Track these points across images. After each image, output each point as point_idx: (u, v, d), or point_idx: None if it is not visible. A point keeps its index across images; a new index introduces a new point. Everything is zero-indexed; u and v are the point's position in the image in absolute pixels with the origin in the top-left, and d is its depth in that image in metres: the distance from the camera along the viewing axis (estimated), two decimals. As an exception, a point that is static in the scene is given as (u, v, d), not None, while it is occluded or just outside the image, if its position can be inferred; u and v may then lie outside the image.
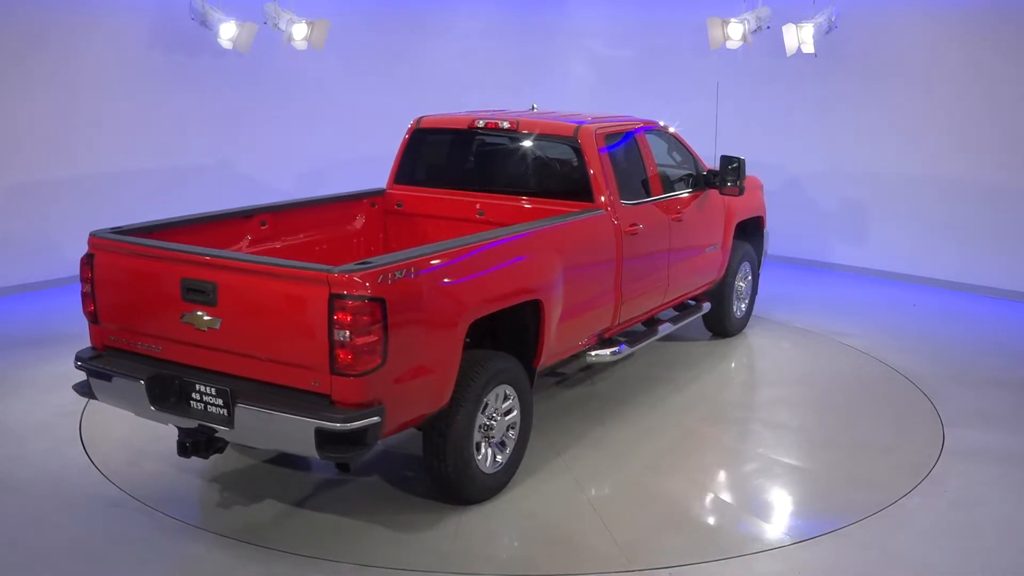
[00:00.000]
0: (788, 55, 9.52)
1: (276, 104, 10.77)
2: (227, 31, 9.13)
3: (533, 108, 7.21)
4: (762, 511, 5.15)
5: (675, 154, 7.32)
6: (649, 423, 6.22)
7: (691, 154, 7.29)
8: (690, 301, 7.56)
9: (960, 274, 10.09)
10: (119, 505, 4.95)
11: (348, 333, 4.12)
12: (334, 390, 4.23)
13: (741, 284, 8.12)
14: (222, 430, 4.49)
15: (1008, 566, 4.59)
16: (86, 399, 6.11)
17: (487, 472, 5.01)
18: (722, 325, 8.06)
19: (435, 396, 4.64)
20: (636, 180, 6.52)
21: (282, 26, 9.46)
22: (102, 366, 4.83)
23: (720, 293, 7.83)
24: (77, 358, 4.94)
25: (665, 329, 6.97)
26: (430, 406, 4.64)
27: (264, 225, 6.08)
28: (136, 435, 5.80)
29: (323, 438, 4.17)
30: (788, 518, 5.11)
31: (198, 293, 4.51)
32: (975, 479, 5.51)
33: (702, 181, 7.18)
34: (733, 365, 7.68)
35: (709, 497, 5.27)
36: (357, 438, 4.22)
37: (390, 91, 11.15)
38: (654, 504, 5.11)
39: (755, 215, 8.23)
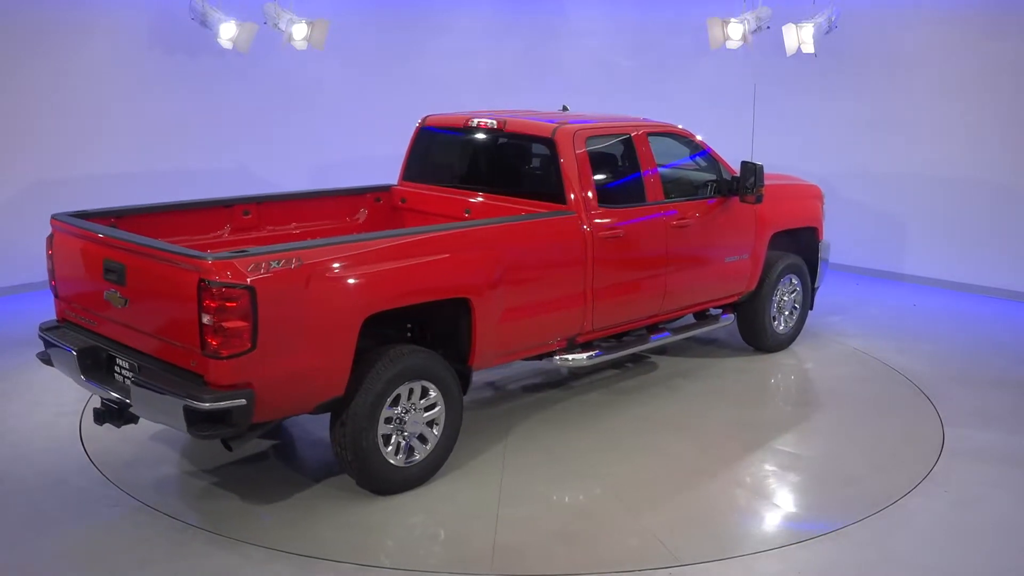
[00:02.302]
0: (788, 55, 9.53)
1: (276, 104, 10.76)
2: (227, 31, 9.13)
3: (564, 108, 7.22)
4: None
5: (698, 159, 7.09)
6: (615, 435, 6.02)
7: (716, 160, 7.02)
8: (714, 311, 7.33)
9: (960, 274, 10.10)
10: (119, 505, 4.95)
11: (214, 318, 4.29)
12: (206, 371, 4.42)
13: (784, 298, 7.67)
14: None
15: (1008, 566, 4.59)
16: (86, 399, 6.21)
17: (398, 465, 5.06)
18: (759, 340, 7.67)
19: (324, 386, 4.73)
20: (626, 184, 6.38)
21: (282, 26, 9.46)
22: (53, 336, 5.24)
23: (753, 306, 7.49)
24: (39, 328, 5.38)
25: (661, 338, 6.78)
26: (319, 395, 4.74)
27: (247, 215, 6.29)
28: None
29: (191, 416, 4.36)
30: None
31: (113, 273, 4.86)
32: (975, 479, 5.51)
33: (725, 188, 6.93)
34: (739, 376, 7.52)
35: (621, 512, 5.01)
36: (222, 418, 4.39)
37: (390, 91, 11.15)
38: (561, 515, 4.99)
39: (804, 225, 7.81)
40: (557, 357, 6.03)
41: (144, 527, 4.73)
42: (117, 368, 4.94)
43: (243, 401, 4.38)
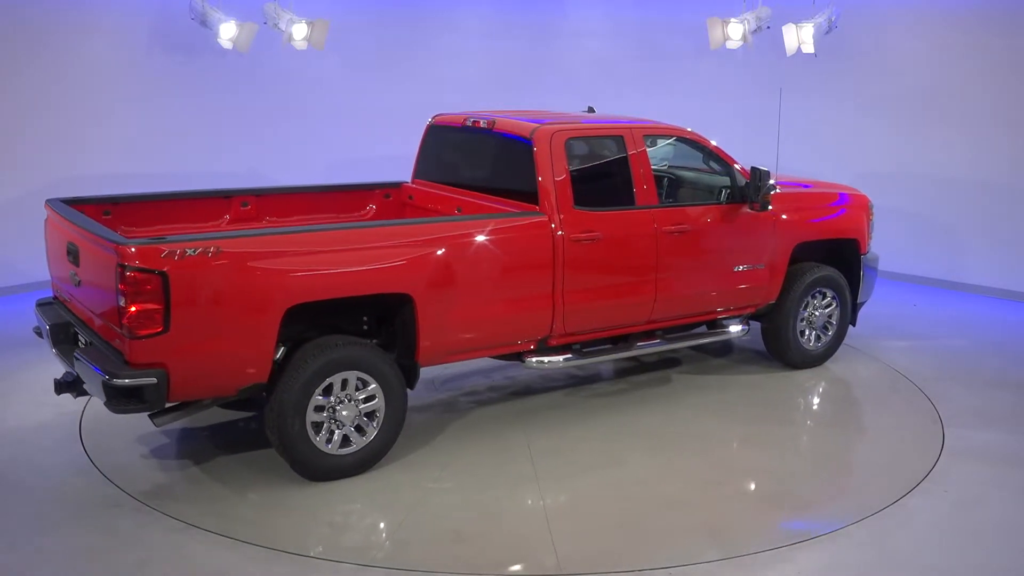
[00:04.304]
0: (788, 55, 9.53)
1: (276, 104, 10.76)
2: (227, 31, 9.13)
3: (591, 110, 7.16)
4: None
5: (710, 164, 6.90)
6: (580, 441, 5.90)
7: (728, 165, 6.73)
8: (726, 321, 6.97)
9: (960, 274, 10.10)
10: (119, 505, 4.95)
11: (127, 300, 4.53)
12: (125, 350, 4.66)
13: (816, 312, 7.25)
14: None
15: (1008, 566, 4.59)
16: (86, 400, 6.20)
17: (331, 453, 5.18)
18: (784, 355, 7.26)
19: (243, 372, 4.91)
20: (611, 186, 6.23)
21: (282, 26, 9.46)
22: (41, 311, 5.68)
23: (775, 319, 7.13)
24: (36, 303, 5.83)
25: (649, 346, 6.55)
26: (239, 380, 4.92)
27: (246, 206, 6.52)
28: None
29: (108, 391, 4.63)
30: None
31: (72, 255, 5.23)
32: (975, 479, 5.51)
33: (738, 195, 6.66)
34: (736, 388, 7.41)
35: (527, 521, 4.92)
36: (134, 395, 4.63)
37: (390, 91, 11.14)
38: (471, 515, 4.93)
39: (839, 236, 7.35)
40: (534, 359, 5.97)
41: (144, 527, 4.73)
42: (81, 343, 5.24)
43: (154, 380, 4.60)
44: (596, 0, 11.73)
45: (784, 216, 6.93)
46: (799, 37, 9.36)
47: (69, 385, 5.23)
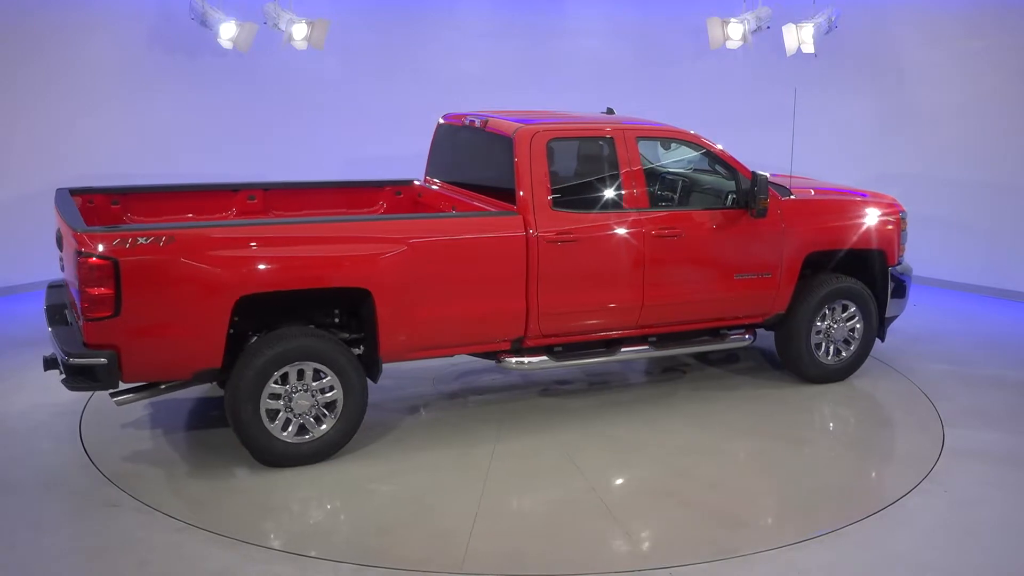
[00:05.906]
0: (788, 55, 9.53)
1: (276, 104, 10.75)
2: (227, 31, 9.13)
3: (610, 111, 7.14)
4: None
5: (716, 167, 6.68)
6: (547, 446, 5.82)
7: (733, 168, 6.47)
8: (730, 329, 6.73)
9: (960, 274, 10.10)
10: (119, 505, 4.95)
11: (82, 285, 4.77)
12: (82, 331, 4.91)
13: (834, 325, 6.91)
14: None
15: (1008, 566, 4.60)
16: (86, 400, 6.21)
17: (287, 441, 5.32)
18: (798, 368, 6.94)
19: (195, 357, 5.10)
20: (597, 188, 6.12)
21: (282, 26, 9.46)
22: (47, 293, 5.97)
23: (787, 330, 6.86)
24: (48, 285, 6.12)
25: (636, 352, 6.39)
26: (192, 365, 5.13)
27: (252, 200, 6.66)
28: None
29: (64, 369, 4.90)
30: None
31: (58, 240, 5.58)
32: (975, 479, 5.51)
33: (742, 200, 6.38)
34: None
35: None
36: (87, 374, 4.85)
37: (390, 91, 11.14)
38: (401, 511, 4.96)
39: (861, 247, 6.92)
40: (513, 360, 5.97)
41: (144, 527, 4.73)
42: (68, 324, 5.50)
43: (104, 360, 4.82)
44: (596, 0, 11.73)
45: (794, 223, 6.64)
46: (799, 37, 9.36)
47: (54, 362, 5.35)
